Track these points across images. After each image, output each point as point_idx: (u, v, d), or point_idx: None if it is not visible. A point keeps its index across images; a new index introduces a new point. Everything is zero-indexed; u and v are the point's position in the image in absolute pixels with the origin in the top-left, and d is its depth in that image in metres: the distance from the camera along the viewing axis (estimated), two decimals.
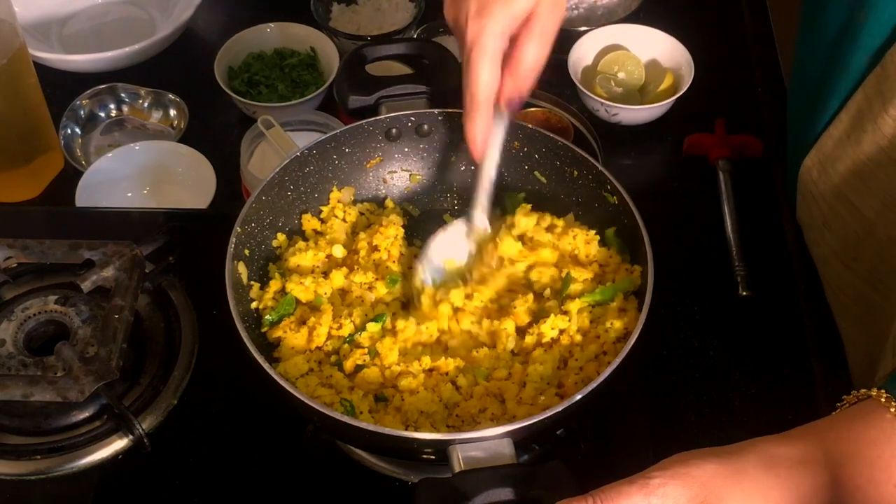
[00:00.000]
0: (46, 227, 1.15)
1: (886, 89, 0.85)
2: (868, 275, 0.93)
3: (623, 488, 0.64)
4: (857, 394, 0.71)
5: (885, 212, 0.90)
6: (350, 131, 1.00)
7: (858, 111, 0.89)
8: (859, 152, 0.90)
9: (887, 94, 0.85)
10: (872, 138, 0.88)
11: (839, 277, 0.99)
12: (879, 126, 0.87)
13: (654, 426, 0.96)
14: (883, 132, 0.87)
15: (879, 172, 0.89)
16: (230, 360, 0.87)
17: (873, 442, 0.67)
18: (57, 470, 0.92)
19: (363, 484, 0.93)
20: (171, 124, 1.28)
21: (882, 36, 0.85)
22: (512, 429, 0.77)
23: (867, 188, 0.91)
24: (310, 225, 0.99)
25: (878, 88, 0.86)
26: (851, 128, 0.90)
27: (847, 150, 0.91)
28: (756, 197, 1.16)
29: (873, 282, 0.91)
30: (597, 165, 0.96)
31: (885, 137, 0.87)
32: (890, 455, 0.67)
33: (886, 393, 0.68)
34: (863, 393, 0.70)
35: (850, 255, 0.96)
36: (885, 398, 0.68)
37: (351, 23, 1.36)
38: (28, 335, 0.98)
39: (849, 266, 0.96)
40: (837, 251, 0.98)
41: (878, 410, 0.68)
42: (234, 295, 0.87)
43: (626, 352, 0.81)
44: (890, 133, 0.86)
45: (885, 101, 0.86)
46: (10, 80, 1.11)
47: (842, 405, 0.72)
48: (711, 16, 1.38)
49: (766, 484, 0.65)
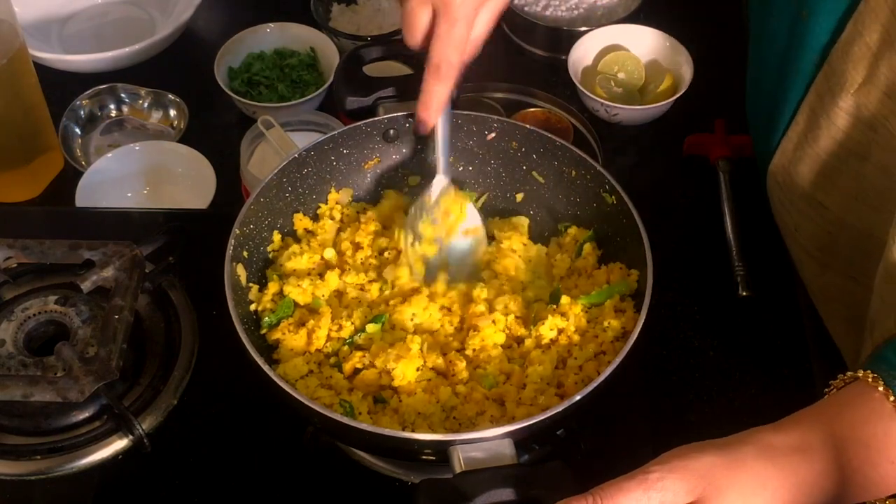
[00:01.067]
0: (46, 227, 1.15)
1: (834, 83, 0.87)
2: (847, 268, 0.94)
3: (622, 484, 0.64)
4: (844, 377, 0.72)
5: (853, 205, 0.91)
6: (348, 132, 1.00)
7: (812, 110, 0.91)
8: (819, 150, 0.91)
9: (836, 88, 0.87)
10: (828, 133, 0.89)
11: (819, 278, 1.00)
12: (833, 120, 0.88)
13: (654, 426, 0.96)
14: (837, 126, 0.88)
15: (841, 167, 0.90)
16: (230, 361, 0.86)
17: (866, 422, 0.68)
18: (57, 470, 0.92)
19: (363, 484, 0.93)
20: (171, 124, 1.28)
21: (826, 32, 0.87)
22: (512, 429, 0.77)
23: (832, 185, 0.92)
24: (301, 224, 0.99)
25: (827, 84, 0.88)
26: (807, 127, 0.92)
27: (807, 151, 0.93)
28: (756, 197, 1.16)
29: (854, 274, 0.92)
30: (595, 165, 0.96)
31: (840, 130, 0.88)
32: (883, 433, 0.68)
33: (873, 373, 0.70)
34: (849, 376, 0.72)
35: (825, 254, 0.97)
36: (872, 378, 0.70)
37: (351, 23, 1.36)
38: (28, 335, 0.98)
39: (827, 265, 0.97)
40: (812, 253, 0.99)
41: (866, 391, 0.69)
42: (234, 297, 0.87)
43: (625, 351, 0.81)
44: (844, 125, 0.88)
45: (834, 95, 0.87)
46: (10, 80, 1.11)
47: (829, 390, 0.72)
48: (711, 16, 1.38)
49: (765, 473, 0.66)
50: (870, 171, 0.88)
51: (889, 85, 0.83)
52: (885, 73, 0.82)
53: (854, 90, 0.86)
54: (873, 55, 0.83)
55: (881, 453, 0.68)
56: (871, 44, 0.83)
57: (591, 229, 0.98)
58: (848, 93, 0.86)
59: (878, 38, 0.82)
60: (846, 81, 0.86)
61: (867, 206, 0.90)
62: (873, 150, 0.87)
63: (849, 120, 0.88)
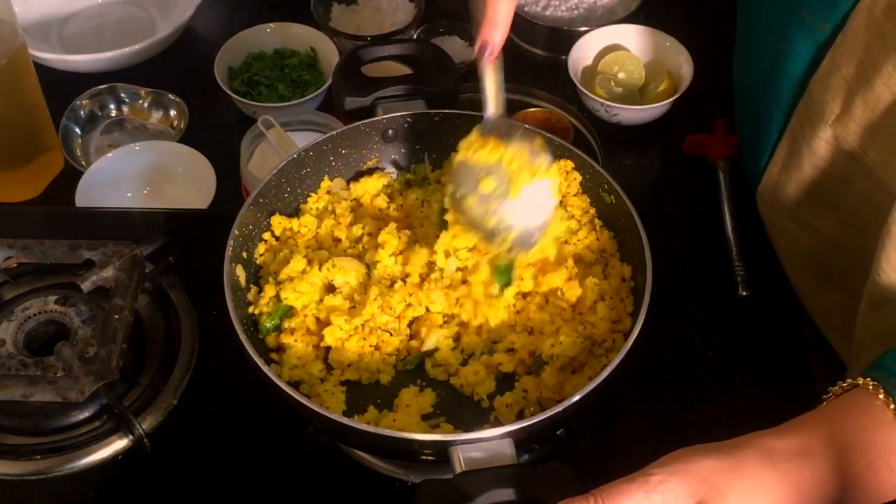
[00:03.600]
0: (46, 227, 1.15)
1: (814, 113, 0.88)
2: (842, 284, 0.95)
3: (623, 486, 0.64)
4: (843, 384, 0.72)
5: (843, 228, 0.93)
6: (346, 132, 1.00)
7: (794, 138, 0.92)
8: (803, 176, 0.93)
9: (815, 118, 0.88)
10: (810, 161, 0.91)
11: (814, 295, 1.01)
12: (814, 150, 0.89)
13: (654, 426, 0.96)
14: (819, 155, 0.89)
15: (827, 192, 0.92)
16: (230, 361, 0.87)
17: (867, 429, 0.68)
18: (57, 470, 0.92)
19: (363, 484, 0.93)
20: (171, 124, 1.28)
21: (804, 63, 0.88)
22: (512, 429, 0.77)
23: (820, 207, 0.94)
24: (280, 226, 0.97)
25: (807, 114, 0.89)
26: (790, 154, 0.93)
27: (792, 175, 0.94)
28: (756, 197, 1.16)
29: (850, 289, 0.92)
30: (595, 165, 0.96)
31: (823, 159, 0.90)
32: (884, 441, 0.68)
33: (873, 381, 0.70)
34: (848, 383, 0.72)
35: (820, 271, 0.98)
36: (872, 386, 0.70)
37: (351, 23, 1.36)
38: (28, 335, 0.98)
39: (822, 280, 0.98)
40: (805, 270, 1.00)
41: (866, 398, 0.69)
42: (233, 298, 0.87)
43: (625, 351, 0.81)
44: (825, 154, 0.89)
45: (814, 125, 0.88)
46: (10, 80, 1.11)
47: (828, 397, 0.73)
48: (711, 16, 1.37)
49: (766, 477, 0.65)
50: (854, 196, 0.89)
51: (865, 118, 0.83)
52: (861, 106, 0.83)
53: (832, 121, 0.87)
54: (850, 88, 0.84)
55: (882, 461, 0.68)
56: (847, 77, 0.84)
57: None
58: (826, 123, 0.87)
59: (854, 72, 0.83)
60: (825, 112, 0.87)
61: (854, 227, 0.91)
62: (855, 177, 0.88)
63: (829, 149, 0.89)
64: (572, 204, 0.97)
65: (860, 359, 0.87)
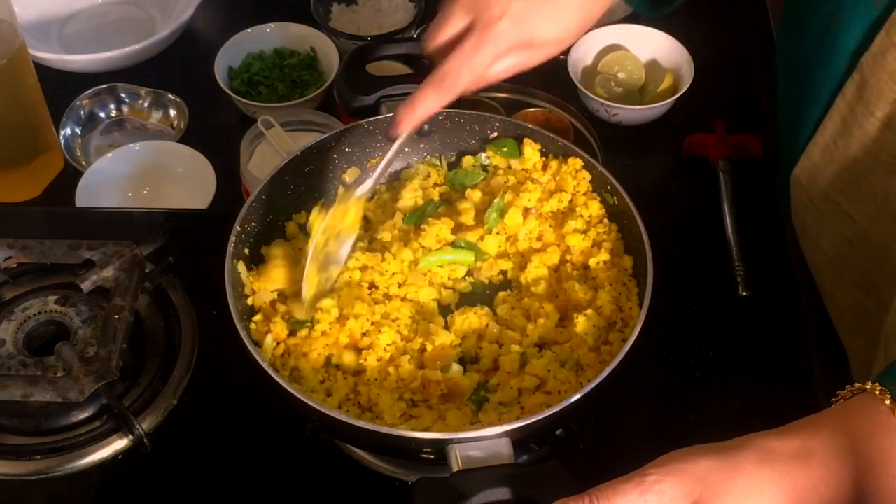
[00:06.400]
0: (46, 227, 1.15)
1: (868, 93, 0.86)
2: (862, 280, 0.94)
3: (619, 486, 0.64)
4: (852, 388, 0.71)
5: (878, 217, 0.90)
6: (350, 131, 1.00)
7: (842, 118, 0.90)
8: (848, 157, 0.90)
9: (868, 97, 0.86)
10: (860, 142, 0.89)
11: (833, 284, 0.99)
12: (866, 130, 0.87)
13: (654, 426, 0.96)
14: (870, 135, 0.87)
15: (870, 176, 0.89)
16: (230, 360, 0.87)
17: (870, 435, 0.67)
18: (57, 470, 0.92)
19: (362, 483, 0.93)
20: (171, 124, 1.28)
21: (856, 40, 0.86)
22: (510, 428, 0.77)
23: (859, 194, 0.92)
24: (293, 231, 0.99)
25: (858, 94, 0.87)
26: (838, 134, 0.91)
27: (835, 157, 0.92)
28: (756, 197, 1.16)
29: (868, 287, 0.91)
30: (596, 165, 0.96)
31: (873, 140, 0.87)
32: (888, 447, 0.67)
33: (881, 386, 0.69)
34: (857, 387, 0.71)
35: (843, 261, 0.96)
36: (880, 391, 0.69)
37: (351, 23, 1.36)
38: (28, 335, 0.98)
39: (843, 272, 0.97)
40: (831, 258, 0.98)
41: (872, 403, 0.68)
42: (234, 294, 0.87)
43: (625, 351, 0.81)
44: (876, 135, 0.87)
45: (867, 105, 0.86)
46: (10, 80, 1.11)
47: (836, 400, 0.72)
48: (711, 16, 1.38)
49: (763, 479, 0.65)
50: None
51: None
52: None
53: (892, 100, 0.84)
54: None
55: (884, 466, 0.67)
56: None
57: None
58: (886, 102, 0.85)
59: None
60: (881, 92, 0.84)
61: (891, 219, 0.89)
62: None
63: (883, 131, 0.86)
64: (581, 203, 0.97)
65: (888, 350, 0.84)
